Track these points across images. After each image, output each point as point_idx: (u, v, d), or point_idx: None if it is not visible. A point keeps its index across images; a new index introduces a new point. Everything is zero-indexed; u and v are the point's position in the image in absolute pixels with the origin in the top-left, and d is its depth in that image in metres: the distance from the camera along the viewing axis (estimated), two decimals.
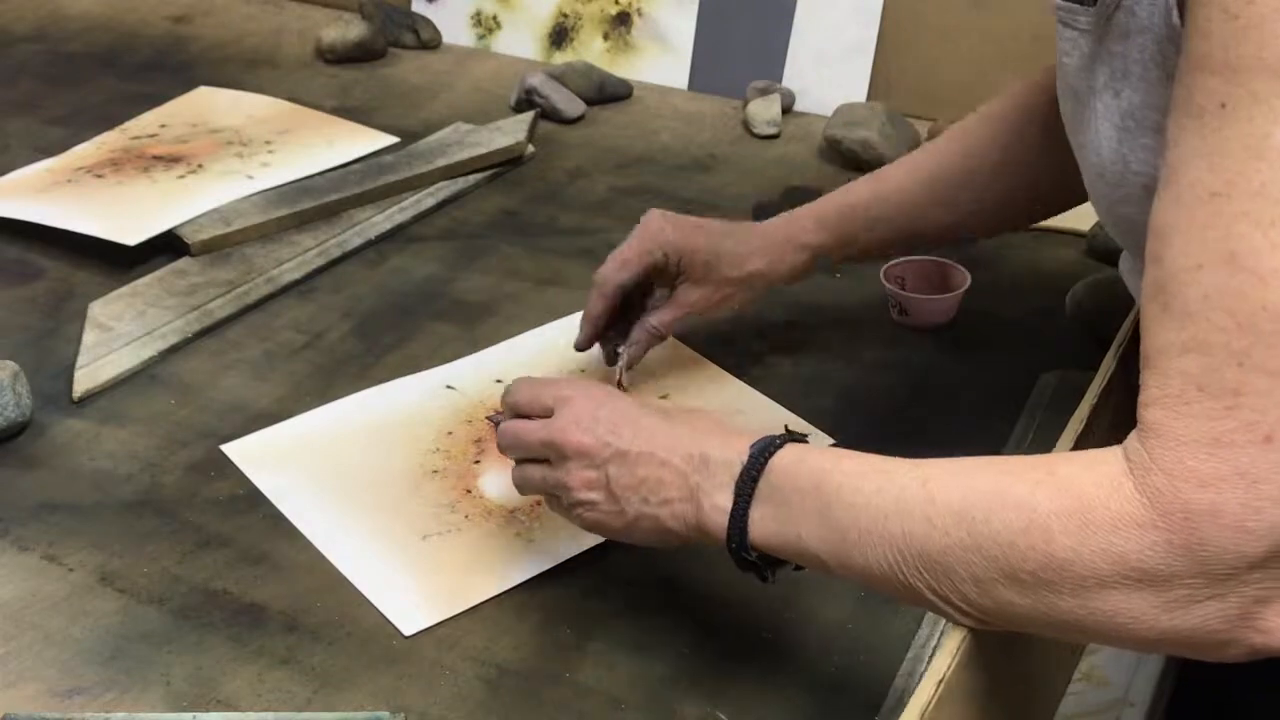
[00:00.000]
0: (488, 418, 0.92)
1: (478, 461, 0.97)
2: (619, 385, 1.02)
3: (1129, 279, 0.88)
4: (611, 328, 1.04)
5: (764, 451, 0.72)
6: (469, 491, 0.95)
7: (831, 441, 0.99)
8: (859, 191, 1.05)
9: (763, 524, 0.72)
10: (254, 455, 0.98)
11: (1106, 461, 0.61)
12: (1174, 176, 0.62)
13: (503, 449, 0.83)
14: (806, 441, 0.74)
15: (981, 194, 1.01)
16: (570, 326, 1.13)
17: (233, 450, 0.99)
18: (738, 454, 0.73)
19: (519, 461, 0.82)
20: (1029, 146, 0.99)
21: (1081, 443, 0.79)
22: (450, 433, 1.00)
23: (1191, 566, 0.58)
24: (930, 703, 0.62)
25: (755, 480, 0.72)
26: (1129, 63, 0.73)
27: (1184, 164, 0.61)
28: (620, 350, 1.03)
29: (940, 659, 0.64)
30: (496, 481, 0.95)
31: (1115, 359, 0.87)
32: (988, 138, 1.02)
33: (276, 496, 0.94)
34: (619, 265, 1.01)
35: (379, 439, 1.00)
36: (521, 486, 0.83)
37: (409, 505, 0.93)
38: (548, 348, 1.10)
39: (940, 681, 0.63)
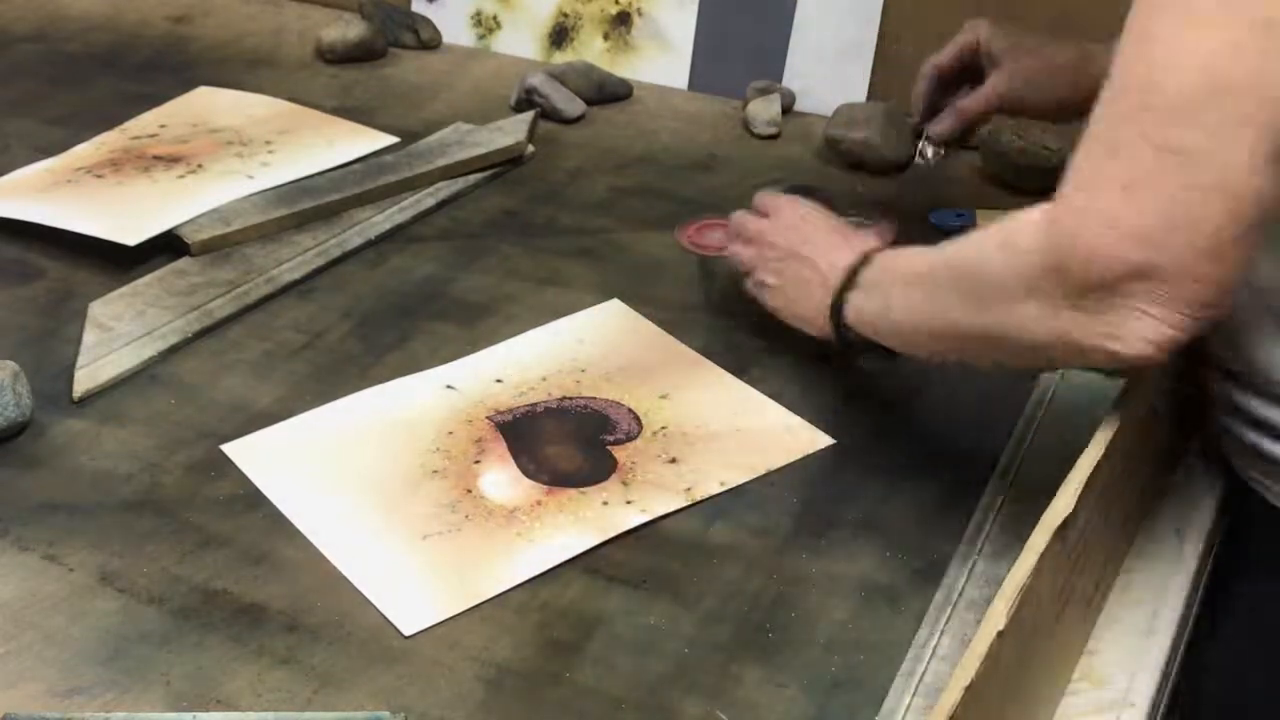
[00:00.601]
0: (488, 418, 0.92)
1: (478, 461, 0.97)
2: (921, 157, 1.27)
3: None
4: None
5: (869, 253, 0.96)
6: (469, 491, 0.95)
7: (831, 442, 1.00)
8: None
9: (855, 304, 0.95)
10: (254, 455, 0.98)
11: (1041, 206, 0.76)
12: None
13: (730, 234, 1.11)
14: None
15: None
16: (571, 326, 1.13)
17: (233, 450, 0.99)
18: (854, 253, 0.97)
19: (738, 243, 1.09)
20: None
21: (1110, 449, 0.79)
22: (450, 433, 1.00)
23: (1059, 282, 0.73)
24: (957, 705, 0.62)
25: (856, 272, 0.95)
26: None
27: None
28: (926, 128, 1.25)
29: (967, 662, 0.64)
30: (496, 481, 0.95)
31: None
32: None
33: (277, 496, 0.94)
34: (934, 58, 1.23)
35: (379, 439, 1.00)
36: (734, 258, 1.09)
37: (409, 505, 0.93)
38: (548, 347, 1.10)
39: (967, 688, 0.63)
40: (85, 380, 1.05)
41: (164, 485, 0.96)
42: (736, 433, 1.01)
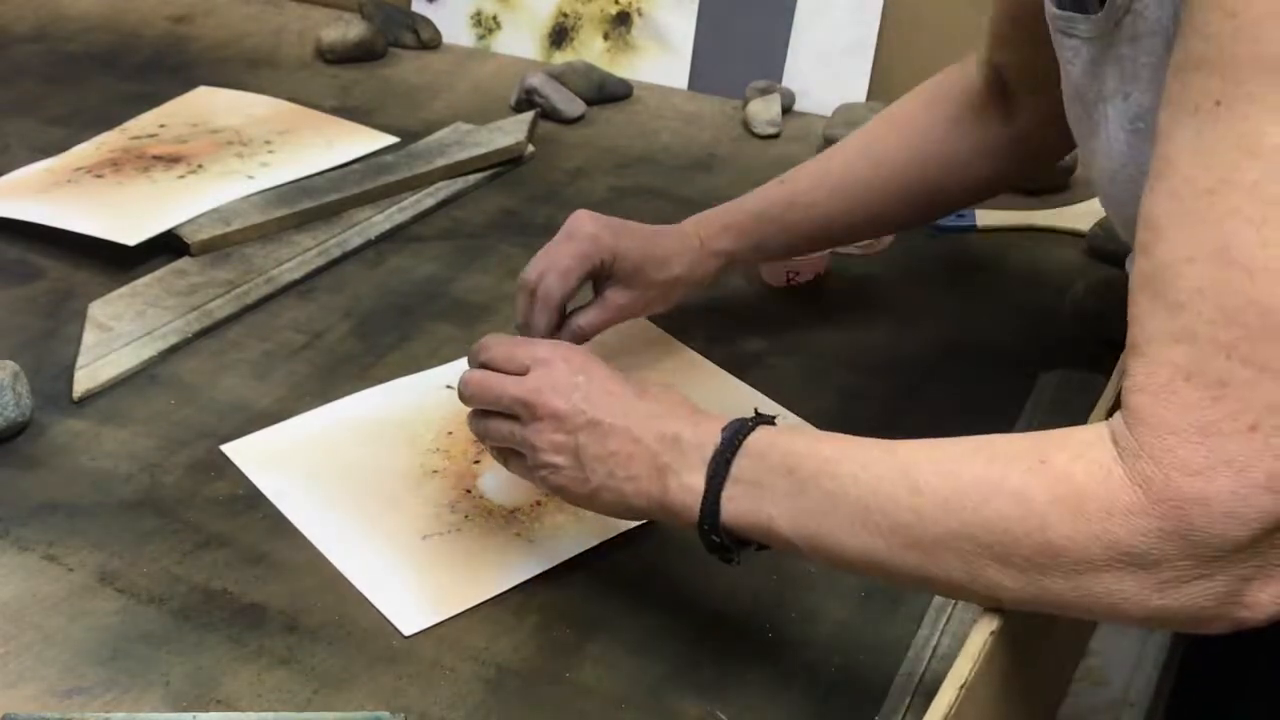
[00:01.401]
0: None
1: (477, 461, 0.97)
2: None
3: None
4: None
5: (738, 434, 0.73)
6: (469, 491, 0.95)
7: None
8: (770, 198, 1.06)
9: (734, 504, 0.73)
10: (254, 455, 0.98)
11: (1095, 447, 0.63)
12: (1167, 170, 0.62)
13: (466, 399, 0.84)
14: (774, 423, 0.75)
15: (889, 199, 1.05)
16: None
17: (233, 450, 0.99)
18: (710, 436, 0.74)
19: (480, 413, 0.83)
20: (939, 149, 1.03)
21: None
22: (450, 433, 1.00)
23: (1182, 550, 0.60)
24: (954, 705, 0.62)
25: (729, 461, 0.73)
26: (1138, 65, 0.73)
27: (1178, 158, 0.62)
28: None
29: (961, 663, 0.64)
30: (496, 481, 0.95)
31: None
32: (895, 144, 1.05)
33: (276, 496, 0.94)
34: (560, 276, 0.97)
35: (379, 439, 1.00)
36: (482, 435, 0.84)
37: (409, 505, 0.93)
38: None
39: (962, 686, 0.63)
40: (85, 380, 1.05)
41: (164, 485, 0.96)
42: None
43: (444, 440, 1.00)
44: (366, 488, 0.95)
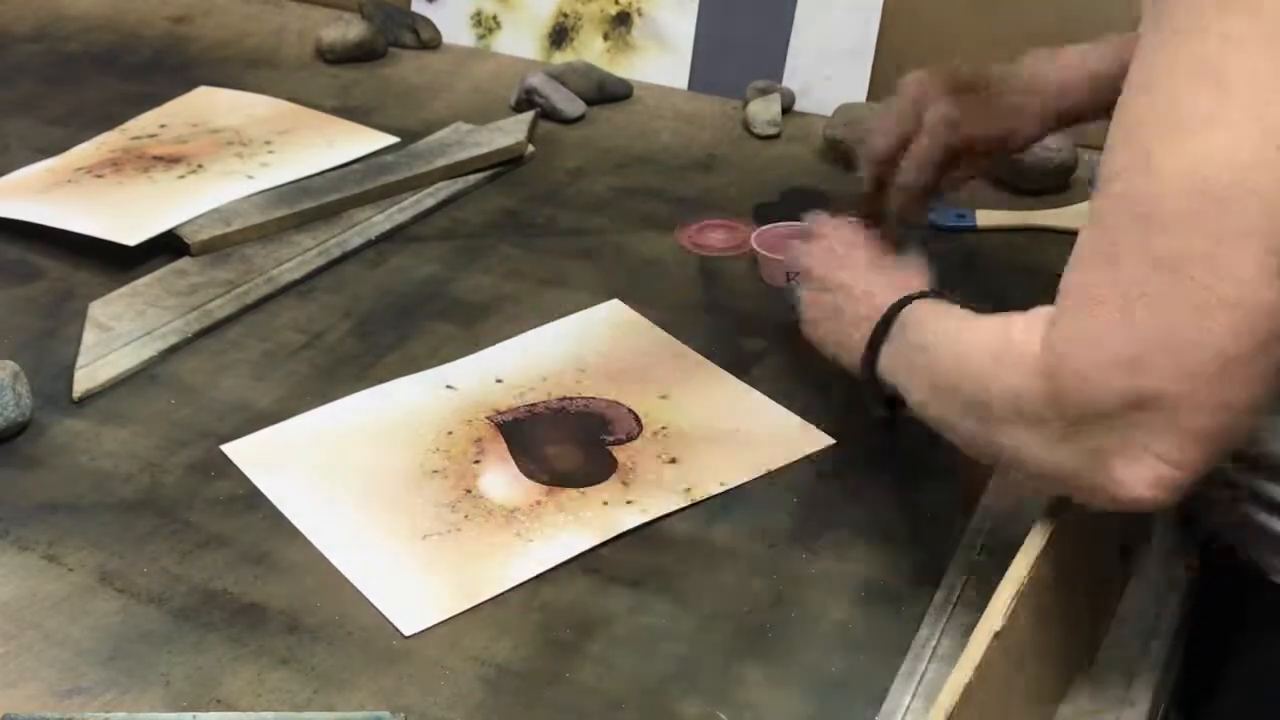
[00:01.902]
0: (488, 418, 0.92)
1: (478, 461, 0.97)
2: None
3: None
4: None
5: (903, 302, 0.86)
6: (469, 491, 0.95)
7: (831, 442, 1.00)
8: (1098, 57, 1.01)
9: (886, 359, 0.85)
10: (254, 455, 0.98)
11: (1043, 314, 0.70)
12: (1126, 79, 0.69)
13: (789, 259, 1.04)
14: (944, 296, 0.86)
15: None
16: (571, 326, 1.13)
17: (233, 450, 0.99)
18: (893, 302, 0.87)
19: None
20: None
21: None
22: (450, 432, 1.00)
23: (1057, 411, 0.67)
24: (953, 706, 0.62)
25: (888, 325, 0.86)
26: None
27: (1134, 70, 0.68)
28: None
29: (965, 662, 0.64)
30: (496, 481, 0.95)
31: None
32: None
33: (277, 496, 0.94)
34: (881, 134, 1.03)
35: (379, 439, 1.00)
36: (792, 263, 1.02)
37: (409, 505, 0.93)
38: (548, 347, 1.10)
39: (965, 686, 0.63)
40: (85, 380, 1.05)
41: (164, 485, 0.96)
42: (736, 433, 1.01)
43: (444, 440, 1.00)
44: (367, 488, 0.95)
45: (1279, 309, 0.63)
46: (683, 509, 0.93)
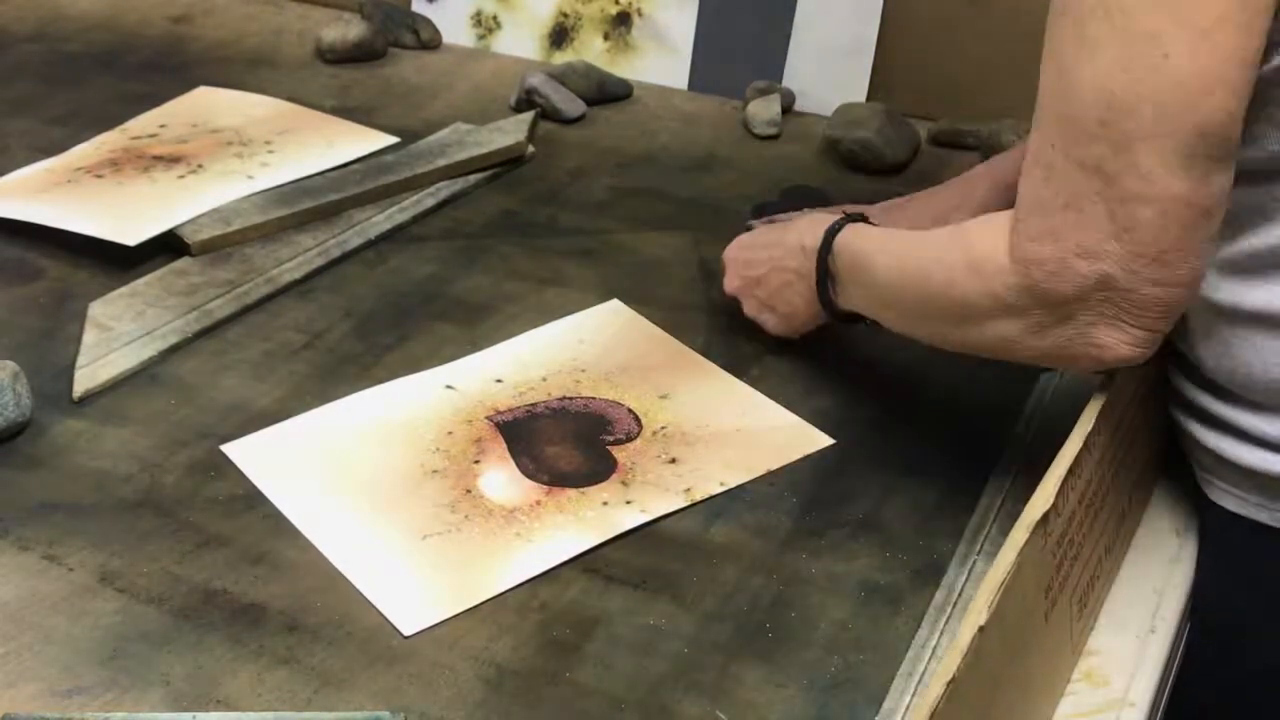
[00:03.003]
0: (488, 418, 0.92)
1: (478, 461, 0.97)
2: None
3: None
4: None
5: (830, 234, 0.96)
6: (469, 491, 0.95)
7: (831, 442, 1.00)
8: (1005, 168, 1.12)
9: (841, 292, 0.97)
10: (254, 455, 0.98)
11: (997, 221, 0.79)
12: None
13: (731, 290, 1.10)
14: (863, 219, 0.99)
15: None
16: (570, 326, 1.13)
17: (233, 450, 0.99)
18: (817, 239, 0.97)
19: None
20: None
21: (1090, 441, 0.79)
22: (450, 433, 1.00)
23: (1036, 301, 0.77)
24: (939, 701, 0.62)
25: (826, 258, 0.96)
26: None
27: None
28: None
29: (950, 657, 0.64)
30: (496, 481, 0.95)
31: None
32: None
33: (277, 496, 0.94)
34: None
35: (379, 439, 1.00)
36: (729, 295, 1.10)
37: (409, 505, 0.93)
38: (548, 347, 1.10)
39: (950, 681, 0.63)
40: (85, 380, 1.05)
41: (164, 485, 0.96)
42: (736, 433, 1.01)
43: (444, 440, 1.00)
44: (367, 487, 0.95)
45: (1193, 197, 0.72)
46: (683, 509, 0.93)
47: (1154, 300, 0.75)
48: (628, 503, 0.93)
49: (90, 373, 1.06)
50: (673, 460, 0.97)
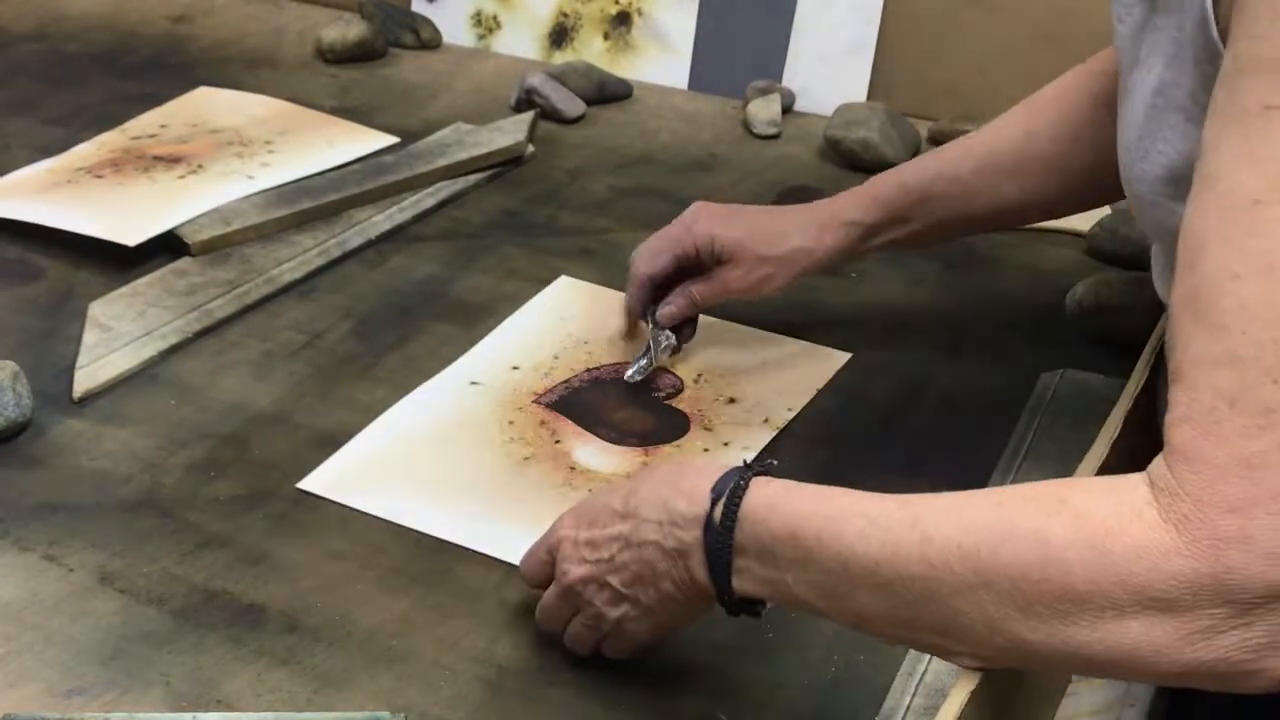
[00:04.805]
0: (535, 402, 0.91)
1: (558, 442, 0.98)
2: (650, 352, 1.04)
3: (1158, 280, 0.87)
4: (650, 312, 1.06)
5: (732, 498, 0.68)
6: (573, 469, 0.95)
7: (849, 355, 1.03)
8: (914, 170, 1.04)
9: (748, 574, 0.68)
10: (337, 482, 0.95)
11: (1124, 489, 0.58)
12: (1212, 182, 0.59)
13: (545, 626, 0.81)
14: (770, 468, 0.71)
15: (1041, 177, 1.00)
16: (539, 309, 1.14)
17: (313, 484, 0.95)
18: (700, 504, 0.70)
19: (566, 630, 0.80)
20: (1092, 128, 0.96)
21: (1114, 451, 0.78)
22: (511, 421, 1.00)
23: (1217, 596, 0.55)
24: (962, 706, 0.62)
25: (731, 532, 0.68)
26: (1168, 38, 0.73)
27: (1223, 168, 0.59)
28: (657, 314, 1.04)
29: (952, 700, 0.63)
30: (591, 454, 0.97)
31: (1146, 368, 0.86)
32: (1050, 119, 1.00)
33: (384, 511, 0.92)
34: (649, 257, 1.05)
35: (448, 439, 0.99)
36: (576, 644, 0.79)
37: (524, 491, 0.93)
38: (537, 332, 1.11)
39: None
40: (85, 380, 1.05)
41: (164, 485, 0.96)
42: (764, 365, 1.05)
43: (510, 429, 0.99)
44: (473, 483, 0.94)
45: None
46: (775, 437, 0.98)
47: None
48: (725, 444, 0.96)
49: (90, 373, 1.06)
50: (732, 400, 1.01)
